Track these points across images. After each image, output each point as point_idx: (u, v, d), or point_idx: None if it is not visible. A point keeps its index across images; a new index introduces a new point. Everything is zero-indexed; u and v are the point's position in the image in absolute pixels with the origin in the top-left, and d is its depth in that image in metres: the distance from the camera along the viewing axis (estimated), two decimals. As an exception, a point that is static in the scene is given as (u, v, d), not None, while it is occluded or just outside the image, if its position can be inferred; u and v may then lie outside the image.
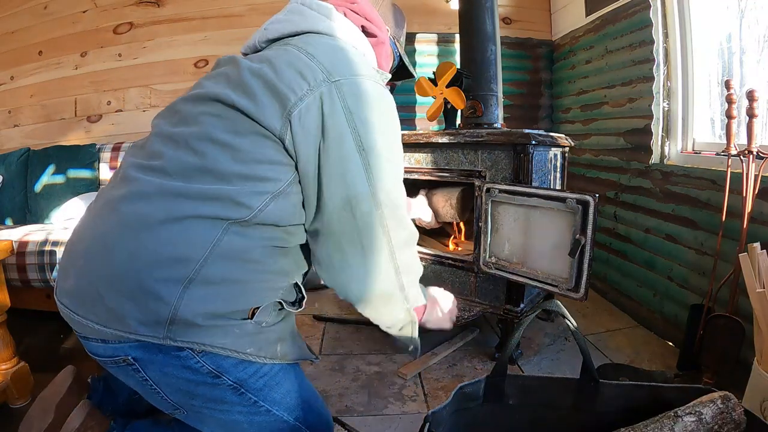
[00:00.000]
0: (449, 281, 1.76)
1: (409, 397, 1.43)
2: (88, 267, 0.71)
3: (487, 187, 1.51)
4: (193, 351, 0.71)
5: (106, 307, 0.69)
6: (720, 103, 1.75)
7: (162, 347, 0.70)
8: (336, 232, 0.78)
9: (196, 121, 0.76)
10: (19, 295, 1.66)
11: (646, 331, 1.89)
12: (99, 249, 0.71)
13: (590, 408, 0.87)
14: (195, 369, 0.72)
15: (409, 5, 2.71)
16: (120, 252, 0.69)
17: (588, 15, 2.35)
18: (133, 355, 0.71)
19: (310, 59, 0.76)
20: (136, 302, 0.68)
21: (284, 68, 0.75)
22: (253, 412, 0.80)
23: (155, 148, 0.77)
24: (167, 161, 0.74)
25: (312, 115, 0.73)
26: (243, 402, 0.78)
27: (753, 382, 1.11)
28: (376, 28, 0.93)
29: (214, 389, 0.75)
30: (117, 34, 2.69)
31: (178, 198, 0.70)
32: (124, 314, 0.68)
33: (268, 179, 0.74)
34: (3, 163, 2.36)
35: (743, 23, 1.64)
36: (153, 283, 0.68)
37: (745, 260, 1.13)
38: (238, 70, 0.78)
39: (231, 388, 0.76)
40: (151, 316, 0.68)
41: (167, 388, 0.75)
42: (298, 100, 0.73)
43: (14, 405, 1.36)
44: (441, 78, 1.74)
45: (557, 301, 0.87)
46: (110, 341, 0.71)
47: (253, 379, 0.78)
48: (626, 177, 2.09)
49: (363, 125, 0.75)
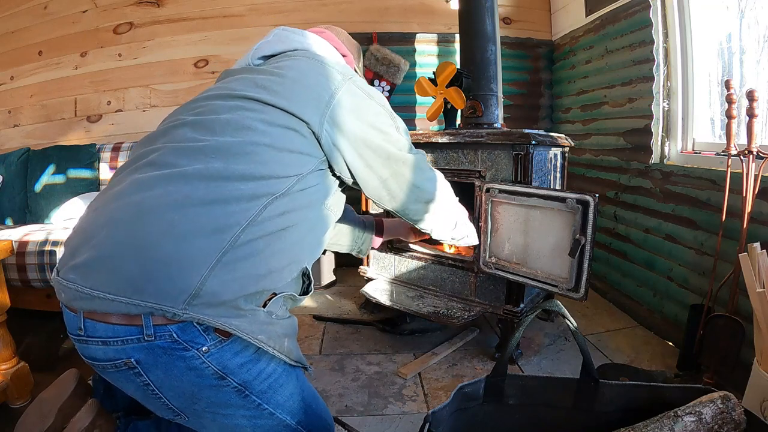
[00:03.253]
0: (449, 281, 1.76)
1: (409, 397, 1.43)
2: (112, 237, 0.70)
3: (487, 187, 1.51)
4: (199, 351, 0.71)
5: (125, 275, 0.67)
6: (720, 103, 1.75)
7: (167, 349, 0.69)
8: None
9: (230, 112, 0.83)
10: (19, 295, 1.66)
11: (646, 331, 1.89)
12: (128, 219, 0.71)
13: (590, 408, 0.87)
14: (200, 370, 0.71)
15: (409, 5, 2.72)
16: (156, 221, 0.69)
17: (588, 15, 2.35)
18: (135, 358, 0.69)
19: (323, 64, 0.91)
20: (164, 270, 0.67)
21: (306, 71, 0.90)
22: (257, 416, 0.79)
23: (188, 135, 0.80)
24: (205, 145, 0.78)
25: (344, 108, 0.88)
26: (247, 405, 0.78)
27: (753, 382, 1.11)
28: (346, 50, 1.12)
29: (218, 392, 0.74)
30: (117, 34, 2.69)
31: (218, 179, 0.75)
32: (145, 282, 0.67)
33: (298, 164, 0.84)
34: (3, 163, 2.36)
35: (743, 23, 1.64)
36: (189, 249, 0.69)
37: (745, 260, 1.14)
38: (258, 75, 0.90)
39: (235, 391, 0.76)
40: (176, 284, 0.67)
41: (170, 392, 0.73)
42: (330, 98, 0.87)
43: (14, 405, 1.36)
44: (441, 78, 1.74)
45: (557, 301, 0.87)
46: (112, 344, 0.69)
47: (258, 380, 0.78)
48: (626, 177, 2.09)
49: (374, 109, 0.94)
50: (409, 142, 1.00)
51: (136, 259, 0.68)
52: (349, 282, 2.53)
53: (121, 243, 0.69)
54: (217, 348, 0.72)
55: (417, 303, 1.73)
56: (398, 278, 1.94)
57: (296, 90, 0.86)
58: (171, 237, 0.69)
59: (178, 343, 0.69)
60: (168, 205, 0.71)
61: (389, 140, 0.95)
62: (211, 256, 0.70)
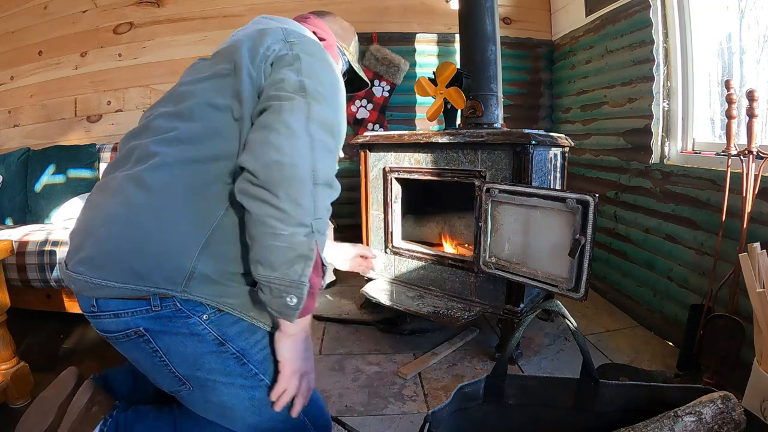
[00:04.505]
0: (449, 281, 1.76)
1: (409, 397, 1.43)
2: (111, 232, 0.76)
3: (487, 187, 1.51)
4: (200, 318, 0.77)
5: (128, 266, 0.74)
6: (720, 103, 1.75)
7: (172, 317, 0.76)
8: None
9: (194, 95, 0.85)
10: (19, 295, 1.66)
11: (646, 331, 1.89)
12: (123, 215, 0.76)
13: (590, 408, 0.87)
14: (201, 335, 0.78)
15: (409, 5, 2.72)
16: (146, 214, 0.75)
17: (588, 15, 2.35)
18: (144, 326, 0.76)
19: (266, 31, 0.89)
20: (159, 261, 0.74)
21: (257, 37, 0.88)
22: (254, 386, 0.82)
23: (163, 126, 0.83)
24: (179, 132, 0.81)
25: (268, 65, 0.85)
26: (245, 373, 0.81)
27: (753, 382, 1.11)
28: (324, 34, 1.09)
29: (218, 358, 0.79)
30: (117, 34, 2.69)
31: (193, 163, 0.78)
32: (146, 272, 0.73)
33: None
34: (3, 163, 2.36)
35: (743, 23, 1.64)
36: (179, 236, 0.75)
37: (745, 260, 1.14)
38: (219, 50, 0.93)
39: (234, 357, 0.80)
40: (172, 270, 0.74)
41: (176, 358, 0.78)
42: (266, 55, 0.84)
43: (14, 405, 1.36)
44: (441, 78, 1.74)
45: (557, 301, 0.87)
46: (123, 315, 0.75)
47: (255, 350, 0.82)
48: (626, 177, 2.09)
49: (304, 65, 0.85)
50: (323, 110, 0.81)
51: (133, 251, 0.74)
52: (349, 282, 2.53)
53: (120, 237, 0.75)
54: (216, 316, 0.79)
55: (417, 303, 1.73)
56: (398, 278, 1.93)
57: (249, 53, 0.86)
58: (161, 227, 0.75)
59: (182, 312, 0.76)
60: (155, 197, 0.76)
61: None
62: (199, 239, 0.75)
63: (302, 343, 0.81)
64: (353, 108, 2.69)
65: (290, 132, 0.71)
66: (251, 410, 0.83)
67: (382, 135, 1.88)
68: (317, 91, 0.78)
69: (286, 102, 0.75)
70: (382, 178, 1.91)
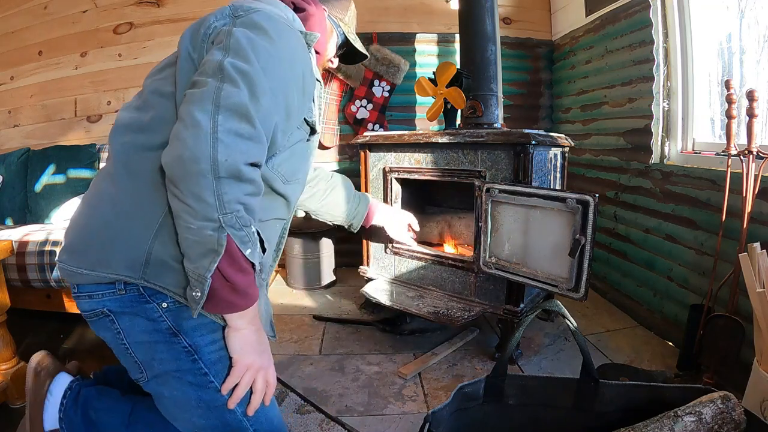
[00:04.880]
0: (449, 281, 1.76)
1: (409, 397, 1.43)
2: (80, 223, 0.83)
3: (487, 187, 1.51)
4: (158, 305, 0.78)
5: (93, 254, 0.79)
6: (720, 103, 1.75)
7: (133, 301, 0.79)
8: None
9: (150, 86, 0.87)
10: (19, 295, 1.66)
11: (646, 331, 1.89)
12: (90, 204, 0.83)
13: (590, 408, 0.87)
14: (157, 322, 0.79)
15: (409, 5, 2.72)
16: (104, 204, 0.81)
17: (588, 15, 2.35)
18: (109, 307, 0.80)
19: (222, 8, 0.86)
20: (120, 243, 0.78)
21: (204, 17, 0.87)
22: (203, 385, 0.80)
23: (126, 120, 0.86)
24: (136, 123, 0.83)
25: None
26: (194, 370, 0.80)
27: (753, 382, 1.11)
28: (305, 4, 1.03)
29: (170, 348, 0.80)
30: (117, 34, 2.69)
31: (145, 150, 0.79)
32: (109, 258, 0.78)
33: None
34: (3, 163, 2.36)
35: (743, 23, 1.64)
36: (130, 228, 0.77)
37: (745, 260, 1.14)
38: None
39: (185, 351, 0.80)
40: (130, 255, 0.77)
41: (134, 342, 0.81)
42: (206, 33, 0.83)
43: (14, 405, 1.36)
44: (441, 78, 1.74)
45: (557, 301, 0.87)
46: (95, 296, 0.80)
47: (210, 348, 0.80)
48: (626, 177, 2.09)
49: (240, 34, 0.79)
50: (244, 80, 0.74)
51: (96, 239, 0.79)
52: (349, 282, 2.53)
53: (86, 226, 0.82)
54: (175, 306, 0.79)
55: (417, 303, 1.73)
56: (398, 278, 1.93)
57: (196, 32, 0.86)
58: (117, 214, 0.79)
59: (143, 296, 0.79)
60: (114, 186, 0.80)
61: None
62: (152, 224, 0.77)
63: (253, 336, 0.80)
64: (353, 108, 2.69)
65: (194, 122, 0.68)
66: (198, 411, 0.81)
67: (382, 135, 1.88)
68: (239, 71, 0.72)
69: (197, 90, 0.72)
70: (382, 178, 1.91)
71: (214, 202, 0.68)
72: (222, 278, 0.71)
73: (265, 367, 0.82)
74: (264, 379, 0.81)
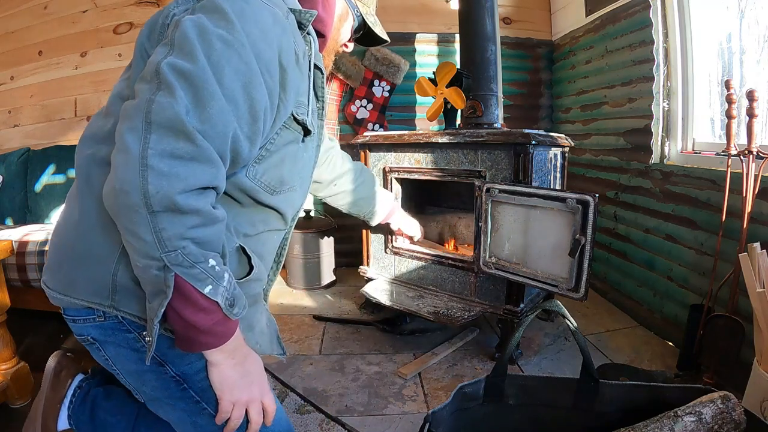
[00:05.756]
0: (449, 281, 1.76)
1: (409, 397, 1.43)
2: (53, 241, 0.77)
3: (487, 187, 1.51)
4: (139, 335, 0.71)
5: (65, 275, 0.73)
6: (720, 103, 1.75)
7: (115, 329, 0.72)
8: None
9: (113, 90, 0.77)
10: (19, 295, 1.66)
11: (646, 331, 1.89)
12: (58, 223, 0.78)
13: (590, 408, 0.87)
14: (140, 352, 0.72)
15: (409, 5, 2.72)
16: (69, 225, 0.73)
17: (588, 15, 2.35)
18: (92, 335, 0.74)
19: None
20: (85, 267, 0.70)
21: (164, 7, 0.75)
22: (196, 413, 0.75)
23: (95, 126, 0.77)
24: (99, 131, 0.74)
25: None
26: (186, 398, 0.74)
27: (753, 382, 1.11)
28: None
29: (158, 378, 0.74)
30: (117, 34, 2.69)
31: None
32: (77, 281, 0.71)
33: None
34: (3, 163, 2.36)
35: (743, 23, 1.64)
36: (94, 246, 0.69)
37: (745, 260, 1.14)
38: None
39: (174, 381, 0.73)
40: (97, 280, 0.70)
41: (123, 370, 0.76)
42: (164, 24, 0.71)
43: (14, 405, 1.36)
44: (441, 78, 1.74)
45: (557, 301, 0.87)
46: (78, 321, 0.74)
47: (199, 376, 0.72)
48: (626, 177, 2.09)
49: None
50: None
51: (66, 261, 0.73)
52: (349, 282, 2.53)
53: (56, 246, 0.76)
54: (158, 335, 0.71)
55: (417, 303, 1.73)
56: (398, 278, 1.93)
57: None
58: (79, 235, 0.71)
59: (122, 325, 0.72)
60: (78, 204, 0.73)
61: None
62: (114, 246, 0.68)
63: (232, 371, 0.70)
64: (353, 108, 2.69)
65: (123, 146, 0.56)
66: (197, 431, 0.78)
67: (382, 135, 1.88)
68: (178, 73, 0.58)
69: (130, 103, 0.60)
70: (382, 178, 1.91)
71: (152, 239, 0.57)
72: (181, 319, 0.62)
73: (255, 399, 0.72)
74: (257, 411, 0.73)
